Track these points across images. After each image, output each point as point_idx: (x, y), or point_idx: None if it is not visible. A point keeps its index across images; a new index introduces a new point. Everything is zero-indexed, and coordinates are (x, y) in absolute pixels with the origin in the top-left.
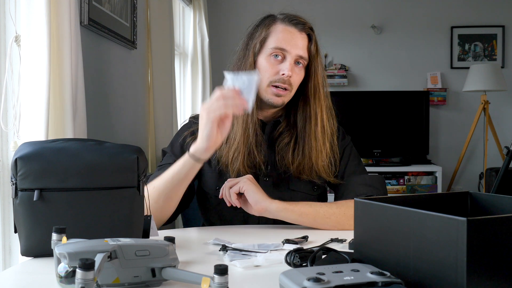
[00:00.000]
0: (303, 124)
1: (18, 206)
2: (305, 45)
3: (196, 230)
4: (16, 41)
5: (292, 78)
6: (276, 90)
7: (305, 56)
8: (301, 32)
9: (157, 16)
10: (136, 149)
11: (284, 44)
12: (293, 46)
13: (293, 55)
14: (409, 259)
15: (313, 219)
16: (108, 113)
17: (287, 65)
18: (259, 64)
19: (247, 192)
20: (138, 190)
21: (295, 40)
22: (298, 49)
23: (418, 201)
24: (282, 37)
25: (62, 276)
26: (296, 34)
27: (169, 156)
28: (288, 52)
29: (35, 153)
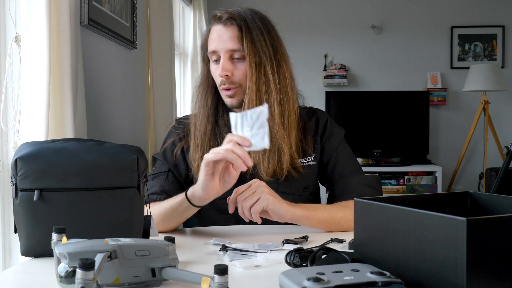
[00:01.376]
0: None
1: (18, 206)
2: (232, 36)
3: (196, 230)
4: (16, 41)
5: (233, 76)
6: (224, 92)
7: (236, 47)
8: (225, 25)
9: (157, 16)
10: (136, 149)
11: (213, 46)
12: (221, 44)
13: (223, 52)
14: (409, 259)
15: (328, 225)
16: (108, 113)
17: (220, 66)
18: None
19: (273, 210)
20: (138, 190)
21: (221, 36)
22: (225, 44)
23: (418, 201)
24: (212, 39)
25: (62, 276)
26: (221, 30)
27: (163, 164)
28: (218, 51)
29: (35, 153)
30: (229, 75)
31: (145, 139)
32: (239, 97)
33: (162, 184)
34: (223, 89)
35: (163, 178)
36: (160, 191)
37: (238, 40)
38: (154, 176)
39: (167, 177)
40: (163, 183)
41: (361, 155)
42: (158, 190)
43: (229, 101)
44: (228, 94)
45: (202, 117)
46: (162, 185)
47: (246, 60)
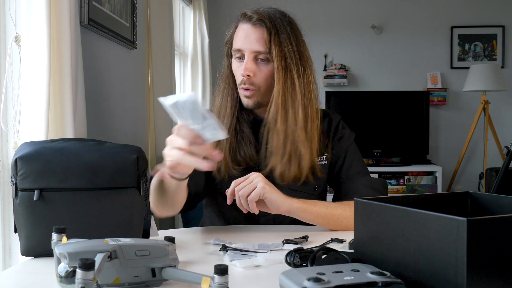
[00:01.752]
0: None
1: (18, 206)
2: (259, 37)
3: (196, 230)
4: (16, 41)
5: (254, 78)
6: (243, 92)
7: (264, 50)
8: (254, 26)
9: (157, 16)
10: (136, 149)
11: (239, 44)
12: (247, 43)
13: (249, 53)
14: (409, 259)
15: (327, 221)
16: (108, 113)
17: (243, 65)
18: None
19: (269, 199)
20: (138, 190)
21: (248, 36)
22: (251, 44)
23: (418, 201)
24: (238, 37)
25: (62, 276)
26: (249, 30)
27: None
28: (244, 50)
29: (35, 153)
30: (251, 75)
31: (145, 139)
32: (256, 99)
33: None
34: (242, 88)
35: None
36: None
37: (265, 42)
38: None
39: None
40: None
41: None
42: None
43: (246, 101)
44: (246, 94)
45: (226, 110)
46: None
47: (274, 64)
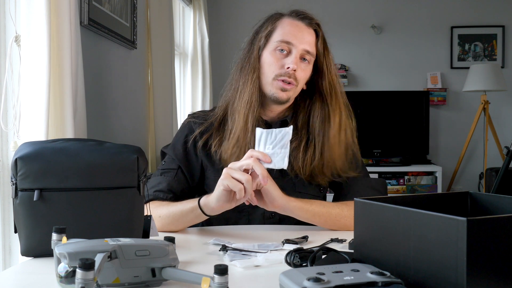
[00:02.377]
0: (321, 125)
1: (18, 206)
2: (312, 40)
3: (196, 230)
4: (16, 41)
5: (298, 73)
6: (282, 84)
7: (312, 52)
8: (308, 27)
9: (157, 16)
10: (136, 149)
11: (289, 37)
12: (299, 40)
13: (299, 49)
14: (409, 259)
15: (324, 220)
16: (108, 113)
17: (292, 59)
18: (264, 59)
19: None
20: (138, 190)
21: (301, 33)
22: (304, 43)
23: (418, 201)
24: (288, 30)
25: (62, 276)
26: (302, 28)
27: (172, 161)
28: (293, 45)
29: (35, 153)
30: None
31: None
32: (291, 94)
33: (170, 182)
34: (282, 80)
35: (171, 176)
36: (168, 190)
37: (315, 45)
38: (162, 171)
39: (176, 174)
40: (171, 181)
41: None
42: (165, 188)
43: (281, 94)
44: (286, 87)
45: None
46: (169, 183)
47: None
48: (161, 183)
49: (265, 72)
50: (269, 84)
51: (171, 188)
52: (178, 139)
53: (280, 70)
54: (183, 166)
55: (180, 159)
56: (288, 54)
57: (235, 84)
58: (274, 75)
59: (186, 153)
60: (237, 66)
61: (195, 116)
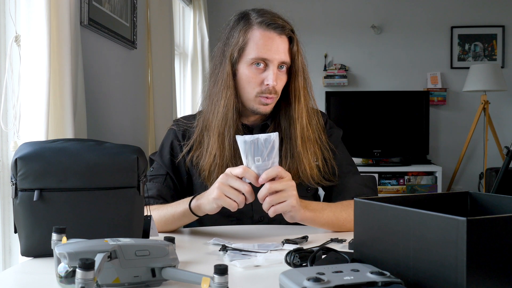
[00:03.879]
0: (287, 126)
1: (18, 206)
2: (286, 48)
3: (196, 230)
4: (16, 41)
5: (277, 86)
6: (263, 100)
7: (287, 60)
8: (280, 36)
9: (157, 16)
10: (136, 149)
11: (264, 53)
12: (274, 53)
13: (275, 62)
14: (409, 259)
15: (332, 226)
16: (108, 113)
17: (271, 75)
18: (240, 75)
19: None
20: (138, 190)
21: (275, 45)
22: (279, 55)
23: (418, 201)
24: (262, 45)
25: (62, 276)
26: (275, 39)
27: (160, 167)
28: (269, 60)
29: (35, 153)
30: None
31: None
32: (272, 106)
33: (159, 188)
34: (264, 97)
35: (160, 182)
36: (157, 195)
37: (289, 53)
38: (151, 177)
39: (164, 180)
40: (161, 187)
41: (361, 155)
42: (155, 194)
43: (263, 108)
44: (267, 102)
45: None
46: (159, 189)
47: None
48: (151, 189)
49: (245, 88)
50: (250, 100)
51: (161, 194)
52: (164, 146)
53: (260, 87)
54: (171, 173)
55: (167, 166)
56: (265, 68)
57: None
58: (255, 93)
59: (172, 160)
60: (211, 75)
61: (178, 124)
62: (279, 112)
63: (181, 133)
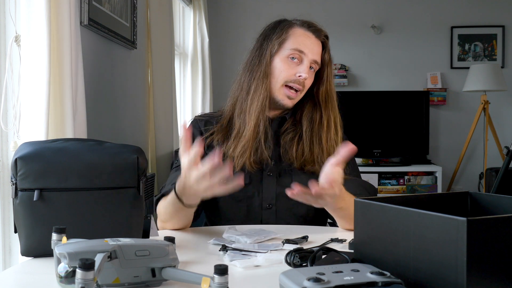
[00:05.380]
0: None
1: (18, 206)
2: (319, 51)
3: (196, 230)
4: (16, 41)
5: (307, 81)
6: (289, 92)
7: (318, 61)
8: (317, 39)
9: (157, 16)
10: (136, 149)
11: (302, 47)
12: (311, 50)
13: (310, 58)
14: (409, 259)
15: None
16: (108, 113)
17: (304, 68)
18: (275, 64)
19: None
20: (138, 190)
21: (312, 44)
22: (314, 54)
23: (418, 201)
24: (302, 40)
25: (62, 276)
26: (313, 39)
27: None
28: (305, 55)
29: (35, 153)
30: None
31: (145, 139)
32: (295, 101)
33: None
34: (292, 87)
35: None
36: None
37: (321, 57)
38: (177, 168)
39: None
40: None
41: (361, 155)
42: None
43: (288, 101)
44: (292, 96)
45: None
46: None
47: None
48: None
49: (275, 77)
50: (277, 90)
51: None
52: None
53: (291, 76)
54: None
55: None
56: (299, 63)
57: (245, 86)
58: (283, 81)
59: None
60: (246, 67)
61: (200, 116)
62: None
63: (203, 122)
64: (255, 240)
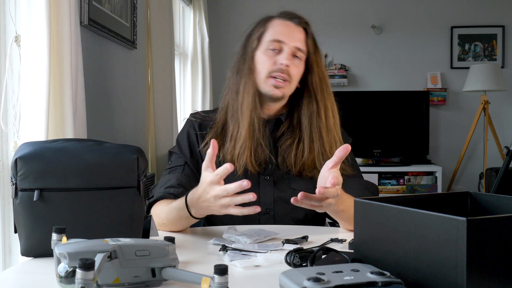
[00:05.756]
0: (308, 121)
1: (18, 206)
2: (302, 38)
3: (196, 230)
4: (16, 41)
5: (291, 70)
6: (275, 81)
7: (302, 48)
8: (297, 26)
9: (157, 16)
10: (136, 149)
11: (280, 36)
12: (290, 38)
13: (290, 46)
14: (409, 259)
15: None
16: (108, 113)
17: (284, 55)
18: (257, 59)
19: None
20: (138, 190)
21: (291, 32)
22: (295, 41)
23: (418, 201)
24: (279, 30)
25: (62, 276)
26: (292, 27)
27: (179, 158)
28: (284, 43)
29: (35, 153)
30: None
31: (145, 139)
32: (284, 91)
33: (178, 177)
34: (276, 76)
35: (179, 172)
36: (177, 184)
37: (305, 43)
38: (170, 170)
39: (183, 170)
40: (180, 176)
41: (361, 155)
42: (175, 183)
43: (276, 91)
44: (279, 85)
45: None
46: (178, 178)
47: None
48: (171, 179)
49: (259, 70)
50: (262, 82)
51: (181, 183)
52: (181, 137)
53: (273, 66)
54: (189, 162)
55: (185, 155)
56: (279, 52)
57: (234, 87)
58: (267, 72)
59: (190, 149)
60: (233, 70)
61: (196, 116)
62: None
63: (198, 124)
64: (255, 240)
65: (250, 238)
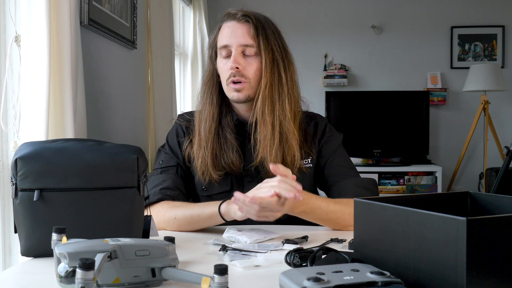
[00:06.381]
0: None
1: (18, 206)
2: (245, 32)
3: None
4: (16, 41)
5: (244, 70)
6: (233, 86)
7: (249, 43)
8: (239, 22)
9: (157, 16)
10: (136, 149)
11: (225, 40)
12: (233, 38)
13: (236, 46)
14: (409, 259)
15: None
16: (108, 113)
17: (232, 59)
18: (218, 68)
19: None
20: (138, 190)
21: (234, 32)
22: (238, 39)
23: (418, 201)
24: (224, 35)
25: (62, 276)
26: (234, 26)
27: (170, 158)
28: (231, 45)
29: (35, 153)
30: (240, 68)
31: (145, 139)
32: (246, 93)
33: (174, 179)
34: (231, 82)
35: (173, 173)
36: (174, 187)
37: (252, 37)
38: (162, 169)
39: (176, 171)
40: (175, 178)
41: (361, 155)
42: (171, 185)
43: (236, 95)
44: (236, 88)
45: (207, 115)
46: (174, 180)
47: (261, 56)
48: (166, 180)
49: (222, 79)
50: (226, 90)
51: (176, 185)
52: (171, 138)
53: (227, 73)
54: (181, 163)
55: (177, 156)
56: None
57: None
58: (225, 80)
59: (180, 150)
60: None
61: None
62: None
63: (184, 127)
64: (255, 240)
65: (250, 238)
